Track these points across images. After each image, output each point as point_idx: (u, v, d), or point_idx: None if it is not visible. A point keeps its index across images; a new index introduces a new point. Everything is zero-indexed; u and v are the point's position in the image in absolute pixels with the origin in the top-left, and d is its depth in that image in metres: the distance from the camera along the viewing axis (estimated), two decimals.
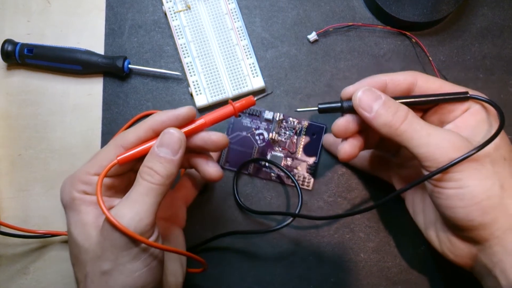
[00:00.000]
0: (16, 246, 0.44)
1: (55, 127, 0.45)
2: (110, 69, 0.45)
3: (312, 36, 0.46)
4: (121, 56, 0.45)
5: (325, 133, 0.44)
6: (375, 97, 0.34)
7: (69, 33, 0.47)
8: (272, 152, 0.44)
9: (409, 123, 0.33)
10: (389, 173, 0.41)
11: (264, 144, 0.44)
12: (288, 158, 0.44)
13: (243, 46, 0.45)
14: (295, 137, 0.45)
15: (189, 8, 0.46)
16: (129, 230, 0.29)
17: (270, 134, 0.45)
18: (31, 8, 0.47)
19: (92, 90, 0.46)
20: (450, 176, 0.32)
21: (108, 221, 0.30)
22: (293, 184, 0.43)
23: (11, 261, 0.44)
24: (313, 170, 0.44)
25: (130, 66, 0.45)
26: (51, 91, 0.46)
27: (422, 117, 0.37)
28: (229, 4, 0.46)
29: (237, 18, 0.46)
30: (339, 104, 0.36)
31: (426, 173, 0.32)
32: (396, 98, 0.35)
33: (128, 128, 0.45)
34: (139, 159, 0.33)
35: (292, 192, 0.44)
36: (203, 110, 0.45)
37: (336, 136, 0.36)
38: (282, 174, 0.44)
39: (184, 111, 0.34)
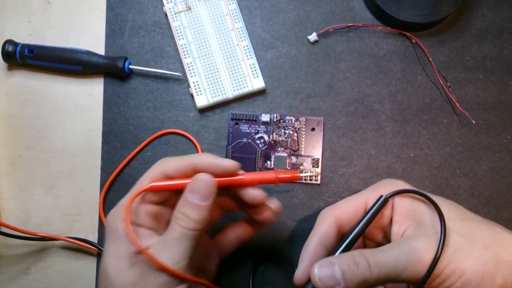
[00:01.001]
0: (17, 247, 0.44)
1: (55, 128, 0.45)
2: (111, 70, 0.45)
3: (312, 36, 0.46)
4: (122, 56, 0.45)
5: (323, 125, 0.45)
6: (329, 267, 0.31)
7: (70, 34, 0.47)
8: (276, 153, 0.45)
9: (375, 264, 0.31)
10: None
11: (266, 147, 0.45)
12: (292, 157, 0.45)
13: (244, 47, 0.45)
14: (295, 134, 0.45)
15: (190, 8, 0.46)
16: (169, 266, 0.31)
17: (271, 136, 0.45)
18: (31, 8, 0.47)
19: (92, 90, 0.46)
20: (445, 274, 0.30)
21: (148, 258, 0.31)
22: (300, 182, 0.44)
23: (12, 261, 0.44)
24: (319, 163, 0.44)
25: (130, 66, 0.45)
26: (52, 91, 0.46)
27: (364, 238, 0.36)
28: (229, 4, 0.46)
29: (238, 18, 0.46)
30: None
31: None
32: (340, 250, 0.33)
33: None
34: (173, 192, 0.35)
35: (299, 189, 0.44)
36: (204, 110, 0.45)
37: None
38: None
39: (229, 163, 0.34)
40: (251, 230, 0.39)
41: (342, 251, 0.33)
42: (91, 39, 0.46)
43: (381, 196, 0.34)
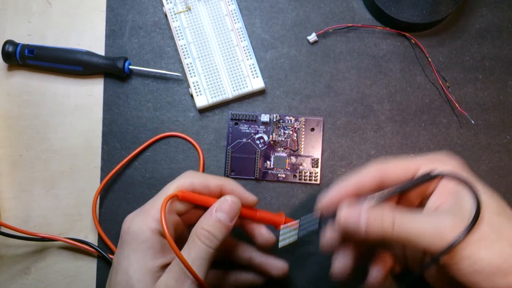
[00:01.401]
0: (17, 247, 0.44)
1: (55, 128, 0.46)
2: (111, 70, 0.45)
3: (312, 37, 0.46)
4: (122, 57, 0.45)
5: (323, 125, 0.45)
6: (358, 211, 0.32)
7: (70, 34, 0.47)
8: (275, 154, 0.45)
9: (399, 225, 0.32)
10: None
11: (265, 147, 0.45)
12: (292, 157, 0.45)
13: (243, 47, 0.45)
14: (295, 134, 0.45)
15: (190, 9, 0.46)
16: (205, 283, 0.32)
17: (270, 136, 0.45)
18: (32, 9, 0.47)
19: (92, 91, 0.46)
20: (461, 256, 0.31)
21: (194, 276, 0.31)
22: (299, 182, 0.44)
23: (12, 261, 0.44)
24: (319, 163, 0.44)
25: (130, 67, 0.45)
26: (52, 91, 0.46)
27: (400, 197, 0.36)
28: (229, 5, 0.46)
29: (237, 19, 0.46)
30: (317, 226, 0.35)
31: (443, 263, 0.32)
32: (371, 198, 0.34)
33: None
34: (192, 206, 0.36)
35: (299, 189, 0.44)
36: (204, 110, 0.45)
37: (329, 252, 0.36)
38: (288, 173, 0.44)
39: (253, 197, 0.37)
40: (251, 278, 0.40)
41: (373, 201, 0.33)
42: (91, 39, 0.47)
43: (432, 172, 0.33)
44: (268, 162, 0.45)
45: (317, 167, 0.45)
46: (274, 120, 0.45)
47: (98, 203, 0.44)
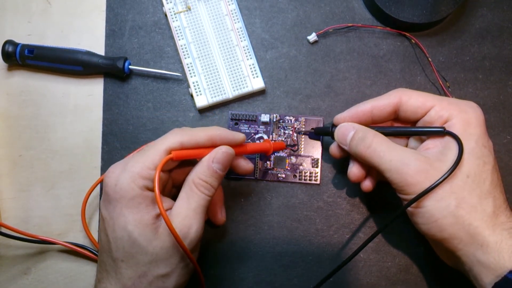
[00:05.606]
0: (17, 247, 0.44)
1: (55, 128, 0.46)
2: (111, 70, 0.45)
3: (312, 37, 0.46)
4: (122, 57, 0.45)
5: (323, 125, 0.45)
6: (350, 129, 0.38)
7: (70, 34, 0.47)
8: (275, 154, 0.45)
9: (373, 150, 0.36)
10: None
11: None
12: (292, 157, 0.45)
13: (243, 47, 0.45)
14: (295, 134, 0.45)
15: (190, 9, 0.46)
16: (190, 254, 0.34)
17: (270, 136, 0.45)
18: (31, 9, 0.47)
19: (92, 90, 0.46)
20: (410, 198, 0.34)
21: (177, 241, 0.33)
22: (299, 182, 0.44)
23: (12, 261, 0.44)
24: (319, 164, 0.45)
25: (130, 67, 0.45)
26: (52, 91, 0.46)
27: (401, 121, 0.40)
28: (229, 5, 0.46)
29: (237, 19, 0.46)
30: (329, 129, 0.41)
31: (399, 195, 0.37)
32: (374, 127, 0.38)
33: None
34: (189, 161, 0.38)
35: (299, 189, 0.44)
36: (204, 110, 0.45)
37: (333, 157, 0.41)
38: (288, 173, 0.44)
39: (241, 137, 0.39)
40: None
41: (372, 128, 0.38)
42: (91, 39, 0.47)
43: (443, 128, 0.36)
44: (268, 162, 0.45)
45: (317, 167, 0.44)
46: (274, 120, 0.45)
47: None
